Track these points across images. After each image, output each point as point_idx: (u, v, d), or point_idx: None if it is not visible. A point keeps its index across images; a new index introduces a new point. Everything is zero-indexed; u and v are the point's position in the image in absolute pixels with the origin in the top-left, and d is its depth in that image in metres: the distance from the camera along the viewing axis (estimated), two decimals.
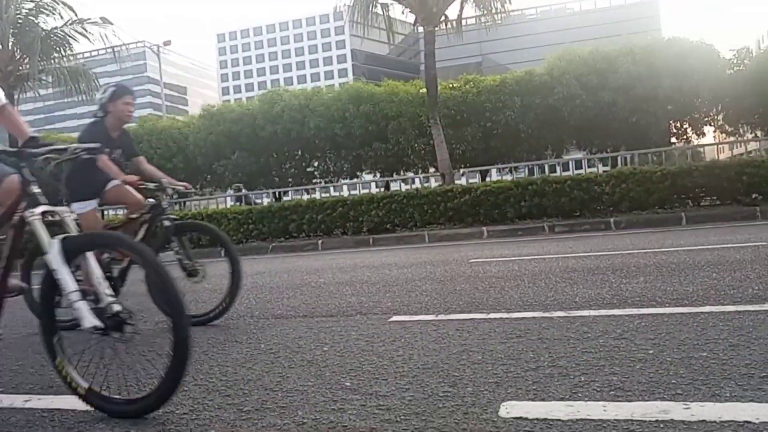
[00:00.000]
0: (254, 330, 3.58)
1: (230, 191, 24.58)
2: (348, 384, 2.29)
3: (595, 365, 2.24)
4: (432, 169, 22.11)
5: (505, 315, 3.34)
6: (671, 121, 21.70)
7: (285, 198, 18.47)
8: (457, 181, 15.32)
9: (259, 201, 19.84)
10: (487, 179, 18.27)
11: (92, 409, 2.23)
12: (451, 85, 21.75)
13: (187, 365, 2.06)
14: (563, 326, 2.94)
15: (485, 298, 3.96)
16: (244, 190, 21.82)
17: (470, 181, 20.24)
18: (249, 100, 30.99)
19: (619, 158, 16.95)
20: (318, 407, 2.05)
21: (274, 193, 19.32)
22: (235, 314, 4.26)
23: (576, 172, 14.56)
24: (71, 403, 2.36)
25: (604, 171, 14.79)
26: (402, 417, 1.88)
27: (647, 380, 2.01)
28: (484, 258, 6.66)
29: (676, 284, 3.84)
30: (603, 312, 3.20)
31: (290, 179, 24.65)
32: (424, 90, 16.67)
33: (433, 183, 17.78)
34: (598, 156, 18.93)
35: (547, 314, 3.26)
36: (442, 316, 3.47)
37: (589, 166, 16.09)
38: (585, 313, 3.22)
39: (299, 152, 24.45)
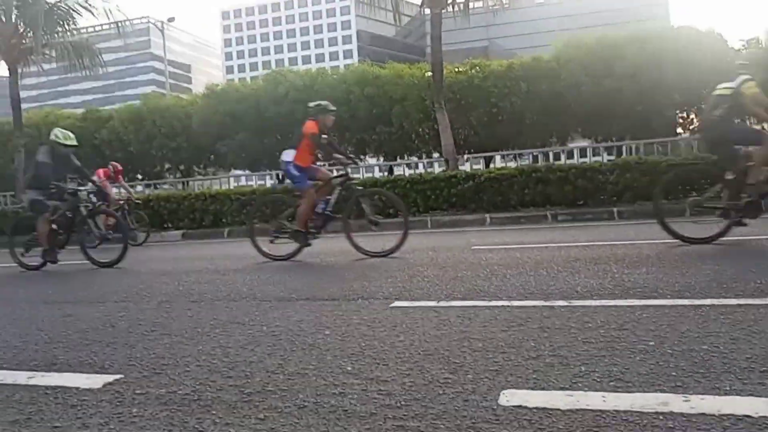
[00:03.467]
0: (257, 312, 3.60)
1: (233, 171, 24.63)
2: (349, 368, 2.30)
3: (596, 355, 2.25)
4: (436, 154, 22.05)
5: (506, 303, 3.35)
6: (677, 111, 21.57)
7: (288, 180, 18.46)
8: (461, 167, 15.28)
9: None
10: (492, 166, 18.22)
11: (100, 386, 2.26)
12: (457, 69, 21.59)
13: None
14: (564, 316, 2.95)
15: (487, 286, 3.97)
16: None
17: (474, 167, 20.16)
18: (253, 80, 30.79)
19: (624, 147, 16.88)
20: (319, 391, 2.06)
21: (277, 174, 19.29)
22: (237, 295, 4.29)
23: (581, 160, 14.51)
24: (75, 380, 2.38)
25: (608, 160, 14.71)
26: (402, 402, 1.89)
27: (647, 372, 2.03)
28: (487, 245, 6.66)
29: (678, 276, 3.84)
30: (605, 302, 3.21)
31: None
32: (430, 73, 16.53)
33: (437, 168, 17.74)
34: (603, 145, 18.86)
35: (548, 303, 3.27)
36: (443, 303, 3.48)
37: (593, 155, 16.02)
38: (586, 303, 3.23)
39: None
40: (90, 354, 2.83)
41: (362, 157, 25.18)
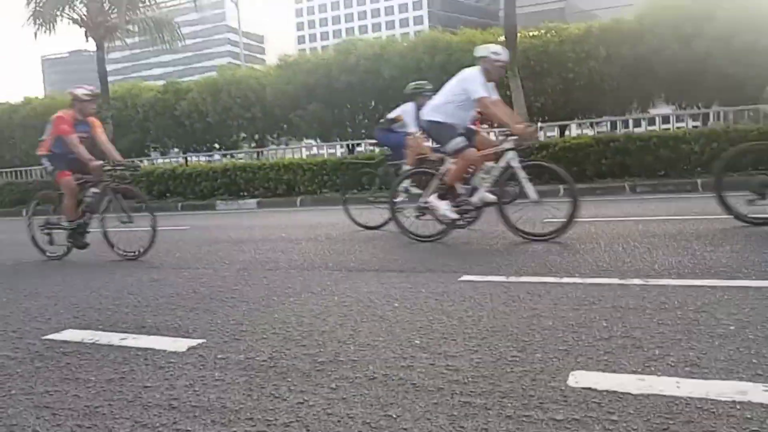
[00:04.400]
0: (328, 282, 3.71)
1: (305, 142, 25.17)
2: (417, 342, 2.35)
3: (672, 338, 2.19)
4: None
5: (578, 280, 3.29)
6: None
7: (358, 149, 18.63)
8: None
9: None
10: (567, 134, 17.62)
11: (184, 350, 2.42)
12: (531, 34, 20.82)
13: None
14: (639, 295, 2.87)
15: (559, 262, 3.90)
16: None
17: (549, 134, 19.60)
18: (324, 50, 31.00)
19: (711, 114, 15.86)
20: (388, 363, 2.13)
21: (348, 145, 19.51)
22: (310, 265, 4.42)
23: (663, 127, 13.78)
24: (162, 343, 2.56)
25: (694, 127, 13.85)
26: (470, 379, 1.92)
27: (726, 358, 1.95)
28: (559, 218, 6.49)
29: (766, 255, 3.63)
30: (683, 282, 3.09)
31: (364, 131, 24.73)
32: (503, 38, 16.04)
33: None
34: (688, 112, 17.78)
35: (623, 281, 3.18)
36: (513, 278, 3.46)
37: (677, 122, 15.15)
38: (663, 282, 3.12)
39: (373, 103, 24.36)
40: (175, 318, 3.02)
41: None
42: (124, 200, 5.58)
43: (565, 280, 3.32)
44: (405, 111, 6.73)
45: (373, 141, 11.44)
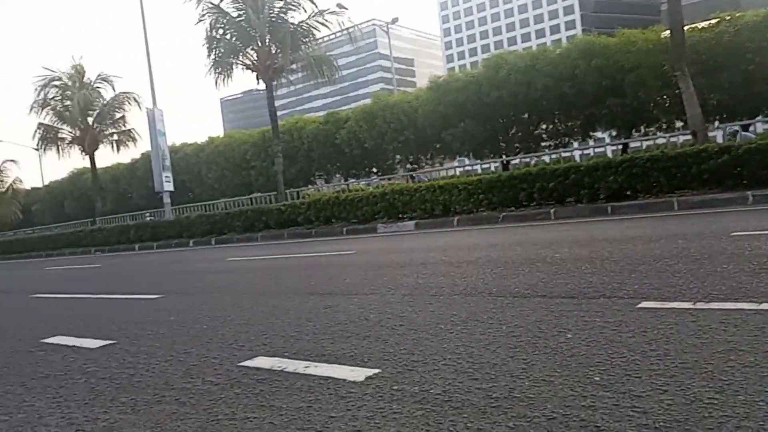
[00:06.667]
0: (494, 309, 3.67)
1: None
2: (597, 379, 2.23)
3: None
4: (679, 123, 19.79)
5: None
6: None
7: (513, 163, 18.33)
8: (710, 134, 13.51)
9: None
10: (751, 130, 15.73)
11: (362, 380, 2.53)
12: (700, 27, 19.02)
13: None
14: None
15: (755, 283, 3.48)
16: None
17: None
18: (473, 66, 31.06)
19: None
20: (567, 401, 2.04)
21: (502, 161, 19.26)
22: (473, 290, 4.41)
23: None
24: (341, 372, 2.71)
25: None
26: (661, 424, 1.78)
27: None
28: (751, 230, 5.80)
29: None
30: None
31: (517, 144, 24.24)
32: (667, 33, 14.85)
33: (681, 139, 15.99)
34: None
35: None
36: (700, 305, 3.15)
37: None
38: None
39: (526, 115, 23.84)
40: (351, 347, 3.18)
41: (591, 133, 23.79)
42: None
43: (765, 306, 2.95)
44: None
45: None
